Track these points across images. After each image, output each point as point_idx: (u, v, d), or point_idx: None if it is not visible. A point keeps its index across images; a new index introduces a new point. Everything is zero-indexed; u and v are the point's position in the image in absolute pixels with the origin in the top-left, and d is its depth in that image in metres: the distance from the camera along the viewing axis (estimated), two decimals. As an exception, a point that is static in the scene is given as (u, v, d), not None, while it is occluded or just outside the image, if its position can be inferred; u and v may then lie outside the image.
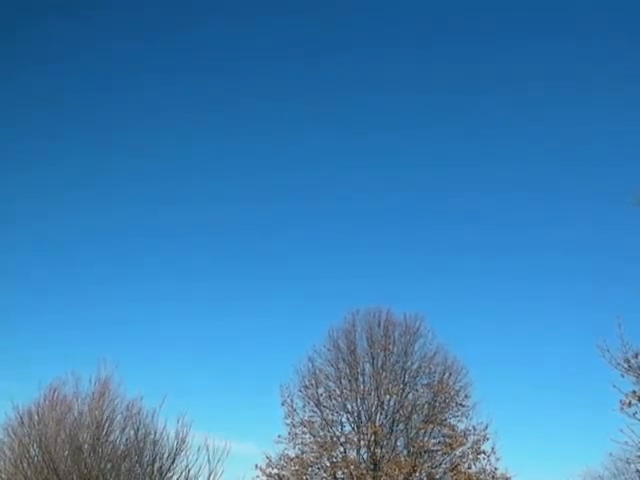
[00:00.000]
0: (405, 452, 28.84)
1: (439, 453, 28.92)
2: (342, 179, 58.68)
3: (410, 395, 29.62)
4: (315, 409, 29.92)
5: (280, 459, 29.15)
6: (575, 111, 57.23)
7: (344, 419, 29.78)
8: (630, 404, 18.65)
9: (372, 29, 56.96)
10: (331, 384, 30.26)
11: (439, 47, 57.35)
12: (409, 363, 30.13)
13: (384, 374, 29.47)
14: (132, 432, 22.71)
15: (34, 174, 55.95)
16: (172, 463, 22.32)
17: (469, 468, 28.47)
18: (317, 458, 28.94)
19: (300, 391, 30.37)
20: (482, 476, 28.35)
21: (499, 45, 57.27)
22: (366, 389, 29.57)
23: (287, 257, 56.26)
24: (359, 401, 29.44)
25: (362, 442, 28.77)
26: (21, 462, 22.61)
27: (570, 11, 53.36)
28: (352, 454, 28.99)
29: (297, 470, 28.54)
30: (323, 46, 58.20)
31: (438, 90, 56.73)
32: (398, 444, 29.17)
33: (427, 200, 56.47)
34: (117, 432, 23.04)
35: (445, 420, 29.45)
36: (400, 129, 56.99)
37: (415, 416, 29.30)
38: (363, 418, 29.23)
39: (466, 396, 29.87)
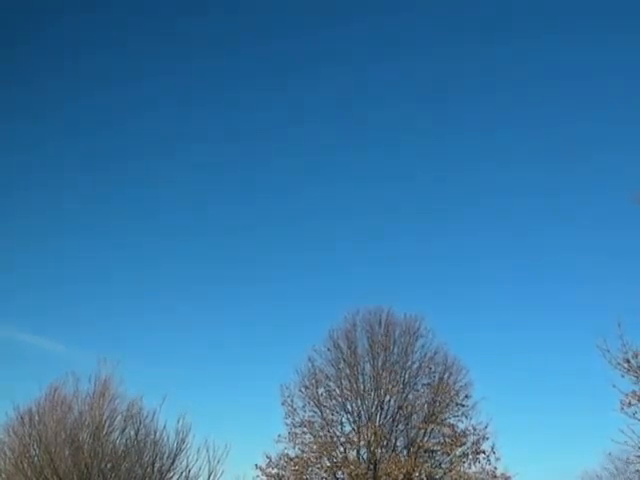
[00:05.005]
0: (405, 452, 28.83)
1: (439, 453, 28.91)
2: (341, 182, 58.85)
3: (410, 395, 29.60)
4: (315, 409, 29.90)
5: (280, 459, 29.15)
6: (574, 110, 57.19)
7: (344, 419, 29.80)
8: (630, 404, 18.71)
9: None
10: (331, 384, 30.24)
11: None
12: (409, 363, 30.12)
13: (384, 374, 29.43)
14: (132, 432, 22.69)
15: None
16: (172, 463, 22.34)
17: (469, 468, 28.49)
18: (317, 458, 28.90)
19: (300, 391, 30.39)
20: (482, 476, 28.36)
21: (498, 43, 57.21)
22: (366, 389, 29.53)
23: (288, 258, 56.35)
24: (359, 401, 29.41)
25: (362, 442, 28.72)
26: (21, 462, 22.61)
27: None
28: (352, 454, 28.97)
29: (297, 470, 28.52)
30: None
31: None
32: (398, 444, 29.17)
33: (427, 200, 56.51)
34: (117, 432, 23.01)
35: (445, 420, 29.43)
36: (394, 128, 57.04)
37: (415, 416, 29.29)
38: (363, 418, 29.19)
39: (466, 396, 29.89)
